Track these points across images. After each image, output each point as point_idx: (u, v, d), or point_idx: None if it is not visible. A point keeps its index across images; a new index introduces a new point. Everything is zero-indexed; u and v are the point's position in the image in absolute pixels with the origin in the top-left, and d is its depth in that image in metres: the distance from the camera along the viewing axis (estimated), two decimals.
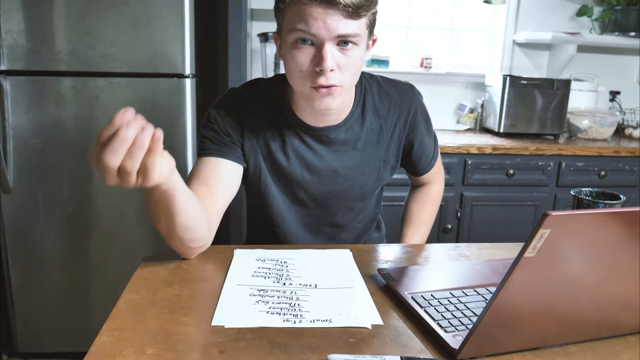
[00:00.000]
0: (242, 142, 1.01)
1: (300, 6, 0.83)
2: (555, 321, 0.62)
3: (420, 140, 1.10)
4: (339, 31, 0.83)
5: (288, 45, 0.88)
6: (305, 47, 0.86)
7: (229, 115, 1.00)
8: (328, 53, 0.84)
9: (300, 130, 1.01)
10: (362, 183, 1.07)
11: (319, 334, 0.67)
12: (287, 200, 1.07)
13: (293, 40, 0.86)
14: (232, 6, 1.79)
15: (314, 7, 0.82)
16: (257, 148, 1.02)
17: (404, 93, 1.07)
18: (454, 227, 2.16)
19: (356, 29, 0.85)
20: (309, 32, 0.83)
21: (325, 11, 0.82)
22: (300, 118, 1.01)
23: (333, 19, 0.82)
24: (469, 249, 1.01)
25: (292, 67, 0.88)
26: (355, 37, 0.85)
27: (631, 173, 2.21)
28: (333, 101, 0.90)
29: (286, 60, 0.90)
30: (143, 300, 0.74)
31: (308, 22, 0.83)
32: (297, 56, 0.87)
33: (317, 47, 0.86)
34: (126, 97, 1.68)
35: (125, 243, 1.79)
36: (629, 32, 2.45)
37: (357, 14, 0.83)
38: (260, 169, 1.03)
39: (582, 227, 0.54)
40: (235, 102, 1.01)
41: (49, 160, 1.70)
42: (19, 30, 1.60)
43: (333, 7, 0.81)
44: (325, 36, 0.83)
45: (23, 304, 1.79)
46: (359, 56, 0.89)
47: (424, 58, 2.52)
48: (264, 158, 1.03)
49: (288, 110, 1.01)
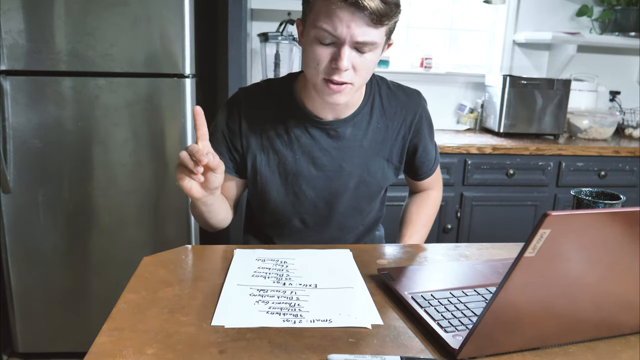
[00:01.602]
0: (241, 145, 1.05)
1: (329, 5, 0.85)
2: (555, 321, 0.62)
3: (424, 144, 1.12)
4: (359, 38, 0.87)
5: (310, 38, 0.91)
6: (325, 44, 0.89)
7: (231, 120, 1.05)
8: (346, 54, 0.88)
9: (308, 123, 1.03)
10: (367, 181, 1.08)
11: (319, 334, 0.67)
12: (292, 199, 1.07)
13: (315, 36, 0.89)
14: (232, 6, 1.79)
15: (342, 9, 0.84)
16: (258, 147, 1.04)
17: (411, 97, 1.10)
18: (454, 227, 2.16)
19: (375, 37, 0.88)
20: (333, 33, 0.87)
21: (352, 15, 0.85)
22: (310, 110, 1.03)
23: (357, 24, 0.85)
24: (469, 249, 1.01)
25: (310, 59, 0.92)
26: (372, 44, 0.89)
27: (631, 173, 2.21)
28: (342, 97, 0.94)
29: (305, 51, 0.93)
30: (143, 300, 0.74)
31: (334, 23, 0.86)
32: (316, 50, 0.90)
33: (337, 46, 0.89)
34: (126, 97, 1.68)
35: (125, 243, 1.79)
36: (629, 32, 2.45)
37: (380, 21, 0.86)
38: (256, 169, 1.05)
39: (582, 227, 0.54)
40: (238, 104, 1.05)
41: (49, 160, 1.70)
42: (19, 30, 1.60)
43: (360, 12, 0.84)
44: (346, 39, 0.87)
45: (23, 304, 1.79)
46: (373, 59, 0.92)
47: (424, 58, 2.52)
48: (266, 156, 1.05)
49: (297, 104, 1.04)
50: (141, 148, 1.72)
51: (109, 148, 1.71)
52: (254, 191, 1.10)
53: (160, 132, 1.73)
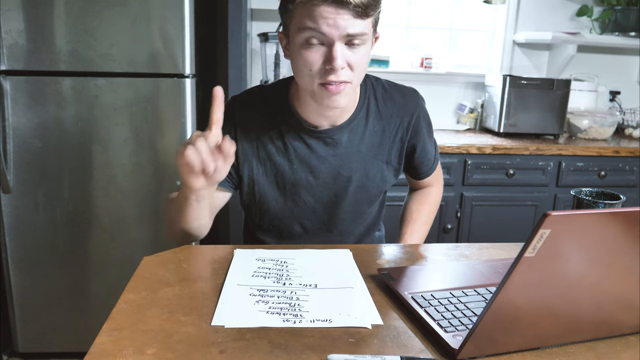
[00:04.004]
0: (235, 155, 1.00)
1: (310, 6, 0.84)
2: (555, 321, 0.62)
3: (422, 144, 1.11)
4: (348, 30, 0.85)
5: (297, 44, 0.89)
6: (314, 47, 0.87)
7: (224, 130, 0.99)
8: (338, 52, 0.86)
9: (303, 133, 1.02)
10: (366, 185, 1.07)
11: (319, 334, 0.67)
12: (291, 206, 1.06)
13: (303, 39, 0.87)
14: (232, 6, 1.79)
15: (324, 7, 0.83)
16: (254, 157, 1.03)
17: (407, 97, 1.08)
18: (454, 227, 2.16)
19: (364, 28, 0.87)
20: (320, 31, 0.85)
21: (335, 11, 0.83)
22: (305, 118, 1.01)
23: (343, 18, 0.84)
24: (469, 249, 1.01)
25: (302, 66, 0.89)
26: (362, 35, 0.87)
27: (631, 173, 2.21)
28: (342, 99, 0.92)
29: (294, 60, 0.91)
30: (143, 300, 0.74)
31: (318, 22, 0.84)
32: (306, 55, 0.88)
33: (327, 46, 0.87)
34: (126, 97, 1.68)
35: (125, 243, 1.79)
36: (629, 32, 2.45)
37: (365, 13, 0.85)
38: (253, 179, 1.04)
39: (582, 227, 0.54)
40: (232, 114, 1.01)
41: (49, 160, 1.70)
42: (19, 30, 1.60)
43: (343, 7, 0.83)
44: (335, 35, 0.85)
45: (23, 304, 1.79)
46: (366, 53, 0.91)
47: (424, 58, 2.52)
48: (263, 166, 1.03)
49: (291, 113, 1.01)
50: (141, 148, 1.72)
51: (109, 148, 1.71)
52: (251, 200, 1.07)
53: (160, 132, 1.73)
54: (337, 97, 0.91)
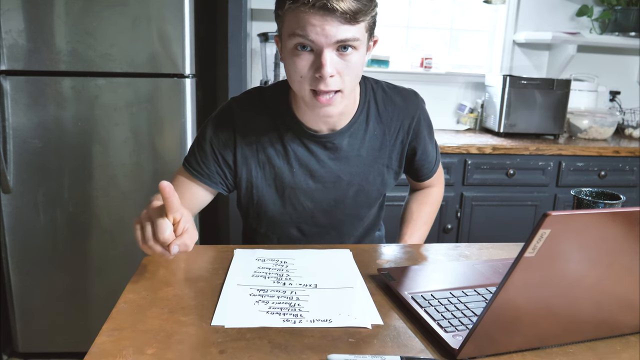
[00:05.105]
0: (233, 159, 1.02)
1: (298, 13, 0.83)
2: (555, 321, 0.62)
3: (423, 147, 1.10)
4: (338, 37, 0.83)
5: (288, 50, 0.88)
6: (304, 53, 0.86)
7: (223, 132, 1.01)
8: (327, 59, 0.84)
9: (303, 137, 1.01)
10: (366, 189, 1.07)
11: (319, 334, 0.67)
12: (289, 210, 1.06)
13: (292, 46, 0.86)
14: (232, 6, 1.79)
15: (311, 14, 0.81)
16: (253, 160, 1.02)
17: (408, 100, 1.07)
18: (454, 227, 2.16)
19: (355, 34, 0.84)
20: (307, 38, 0.83)
21: (323, 18, 0.81)
22: (304, 123, 1.00)
23: (331, 25, 0.82)
24: (469, 249, 1.01)
25: (292, 72, 0.89)
26: (354, 41, 0.85)
27: (631, 173, 2.21)
28: (333, 109, 0.91)
29: (286, 65, 0.90)
30: (143, 300, 0.74)
31: (306, 29, 0.83)
32: (296, 62, 0.87)
33: (316, 53, 0.85)
34: (126, 97, 1.68)
35: (125, 243, 1.79)
36: (629, 32, 2.45)
37: (355, 19, 0.83)
38: (252, 182, 1.03)
39: (582, 227, 0.54)
40: (232, 116, 1.01)
41: (49, 160, 1.70)
42: (19, 30, 1.60)
43: (331, 14, 0.81)
44: (323, 42, 0.83)
45: (23, 304, 1.79)
46: (359, 60, 0.89)
47: (424, 58, 2.52)
48: (262, 169, 1.03)
49: (291, 117, 1.01)
50: (141, 148, 1.72)
51: (109, 148, 1.71)
52: (249, 204, 1.07)
53: (160, 132, 1.73)
54: (328, 108, 0.90)
